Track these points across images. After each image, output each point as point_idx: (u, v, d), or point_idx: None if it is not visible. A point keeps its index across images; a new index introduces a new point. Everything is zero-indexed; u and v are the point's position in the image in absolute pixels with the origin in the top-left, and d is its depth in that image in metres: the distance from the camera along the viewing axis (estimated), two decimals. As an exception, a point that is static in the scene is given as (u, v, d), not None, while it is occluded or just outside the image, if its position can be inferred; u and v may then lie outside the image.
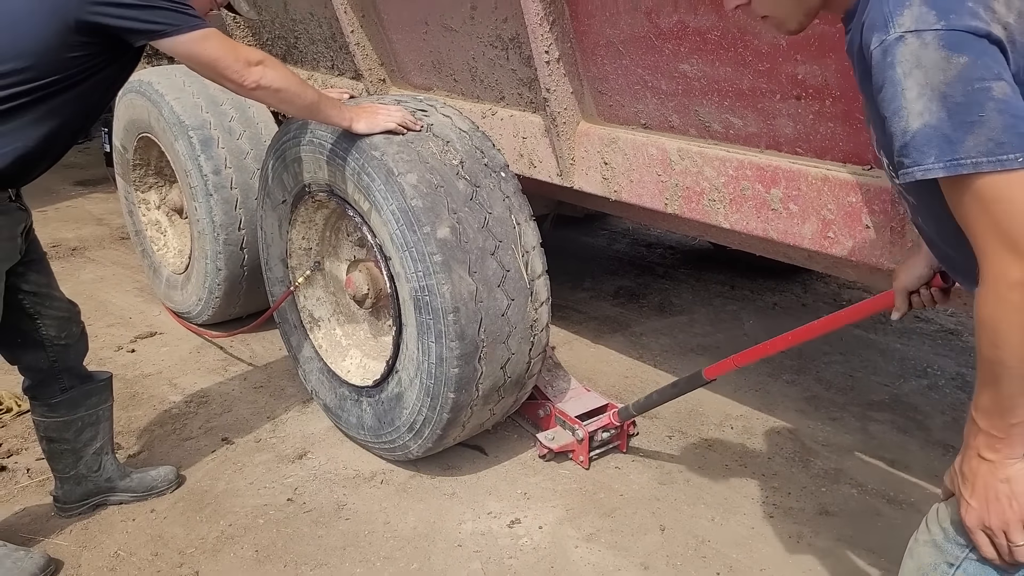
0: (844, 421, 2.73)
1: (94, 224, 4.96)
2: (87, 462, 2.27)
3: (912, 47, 0.98)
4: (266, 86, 1.91)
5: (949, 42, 0.96)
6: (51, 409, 2.19)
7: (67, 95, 1.85)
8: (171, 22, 1.80)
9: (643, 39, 1.95)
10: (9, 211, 1.90)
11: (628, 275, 4.05)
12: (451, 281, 2.04)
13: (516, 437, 2.63)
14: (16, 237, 1.95)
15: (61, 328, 2.14)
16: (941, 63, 0.96)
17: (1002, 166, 0.95)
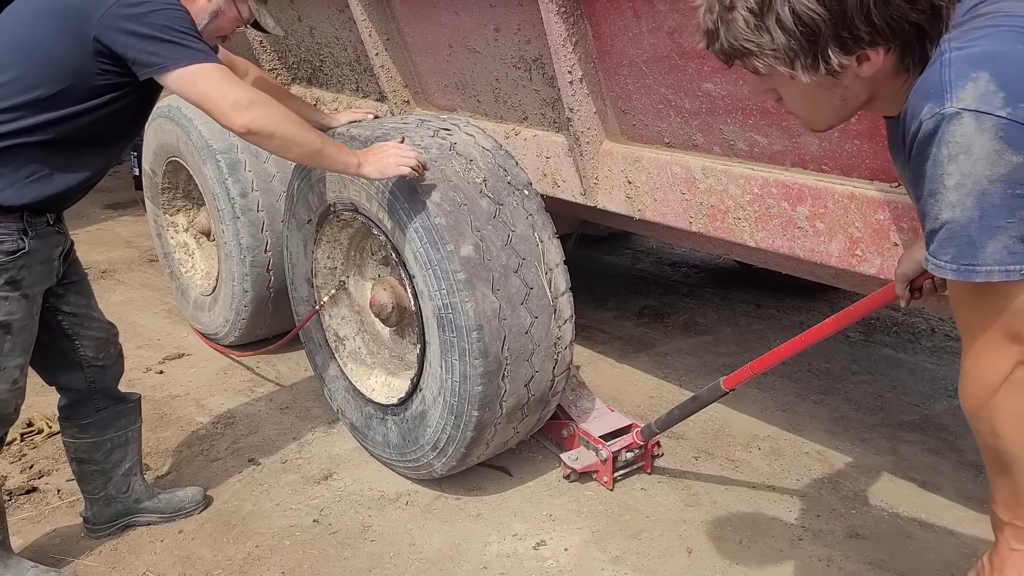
0: (874, 442, 2.68)
1: (123, 246, 5.05)
2: (116, 483, 2.29)
3: (967, 128, 0.88)
4: (256, 131, 1.81)
5: (1009, 135, 0.87)
6: (81, 430, 2.21)
7: (97, 121, 1.86)
8: (168, 55, 1.75)
9: (666, 58, 1.95)
10: (47, 235, 1.92)
11: (653, 294, 4.03)
12: (474, 299, 2.05)
13: (541, 458, 2.61)
14: (53, 260, 1.96)
15: (99, 349, 2.16)
16: (992, 156, 0.87)
17: (1007, 277, 0.92)
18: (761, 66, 1.02)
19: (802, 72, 1.00)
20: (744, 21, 0.98)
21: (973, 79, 0.88)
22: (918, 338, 3.44)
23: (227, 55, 2.40)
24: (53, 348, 2.09)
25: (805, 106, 1.10)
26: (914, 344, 3.38)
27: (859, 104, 1.09)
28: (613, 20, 2.01)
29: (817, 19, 0.94)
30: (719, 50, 1.06)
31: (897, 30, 0.96)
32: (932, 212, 0.94)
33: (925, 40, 0.99)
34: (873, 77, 1.02)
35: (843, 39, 0.96)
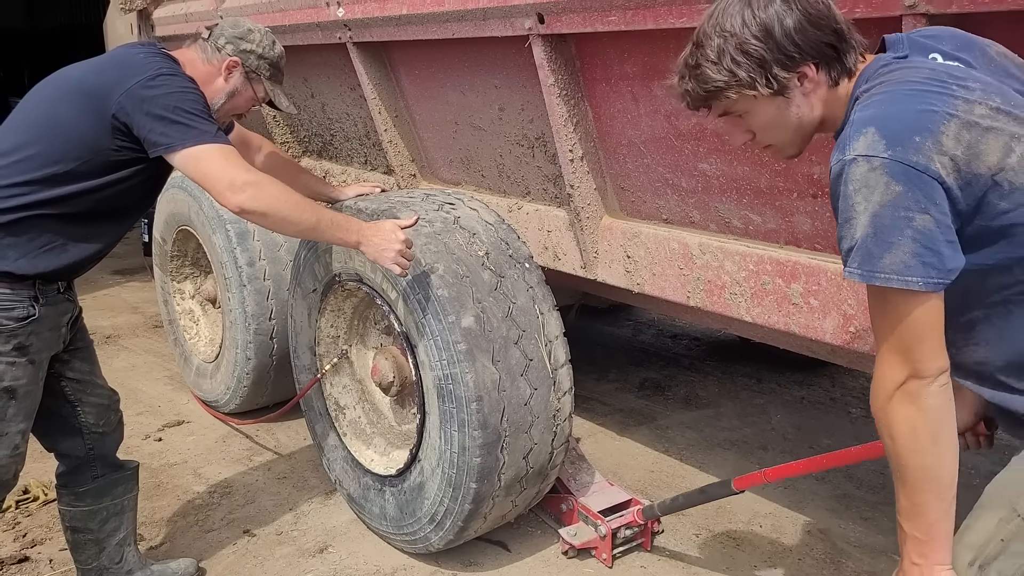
0: (876, 521, 2.64)
1: (129, 312, 5.10)
2: (109, 553, 2.25)
3: (862, 169, 1.14)
4: (251, 210, 1.87)
5: (891, 170, 1.12)
6: (78, 498, 2.19)
7: (112, 195, 1.93)
8: (176, 136, 1.83)
9: (663, 139, 2.03)
10: (57, 302, 1.95)
11: (654, 367, 4.04)
12: (475, 370, 2.07)
13: (539, 533, 2.58)
14: (61, 327, 1.99)
15: (100, 416, 2.16)
16: (883, 187, 1.12)
17: (905, 286, 1.12)
18: (733, 96, 1.28)
19: (763, 89, 1.26)
20: (710, 70, 1.27)
21: (864, 133, 1.15)
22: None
23: (241, 131, 2.49)
24: (54, 413, 2.09)
25: (772, 132, 1.34)
26: (916, 421, 3.37)
27: (813, 122, 1.32)
28: (613, 103, 2.09)
29: (760, 50, 1.24)
30: (697, 99, 1.32)
31: (816, 49, 1.25)
32: (847, 235, 1.17)
33: (840, 54, 1.27)
34: (815, 92, 1.29)
35: (782, 61, 1.24)
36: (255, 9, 3.15)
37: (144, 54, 1.96)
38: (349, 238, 2.02)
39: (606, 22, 1.87)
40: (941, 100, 1.15)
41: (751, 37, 1.23)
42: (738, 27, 1.24)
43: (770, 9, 1.23)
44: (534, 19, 2.02)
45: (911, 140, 1.12)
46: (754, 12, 1.24)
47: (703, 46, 1.27)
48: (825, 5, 1.25)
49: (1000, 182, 1.13)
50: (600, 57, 2.05)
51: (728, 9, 1.26)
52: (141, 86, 1.84)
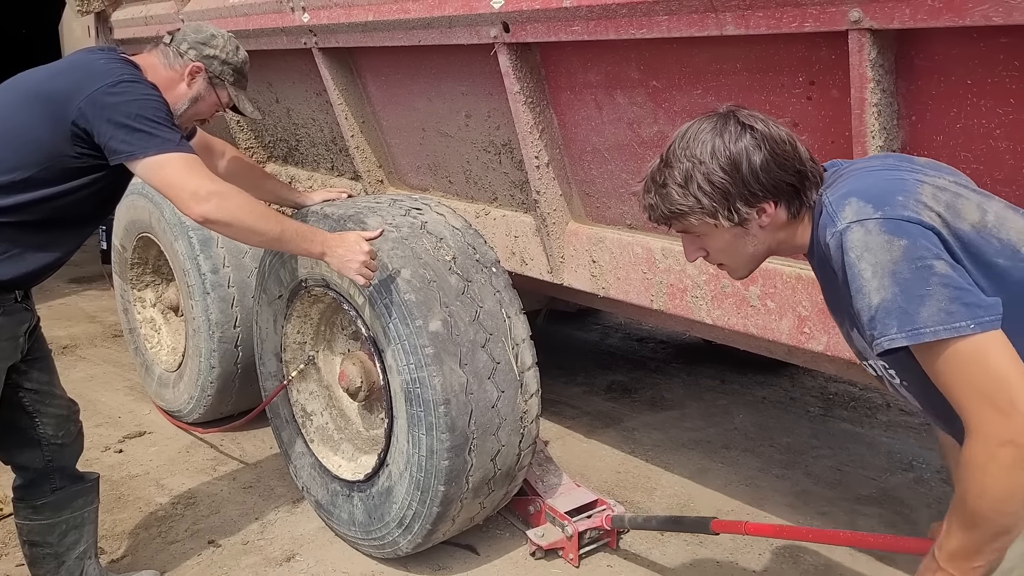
0: (833, 515, 2.72)
1: (87, 322, 5.00)
2: (69, 567, 2.19)
3: (858, 234, 1.14)
4: (213, 220, 1.85)
5: (888, 228, 1.12)
6: (36, 511, 2.14)
7: (72, 203, 1.90)
8: (138, 144, 1.81)
9: (626, 147, 2.08)
10: (14, 311, 1.92)
11: (621, 370, 4.09)
12: (442, 373, 2.09)
13: (507, 535, 2.60)
14: (18, 337, 1.96)
15: (59, 427, 2.12)
16: (885, 245, 1.11)
17: (957, 332, 1.07)
18: (695, 221, 1.31)
19: (723, 220, 1.29)
20: (676, 192, 1.30)
21: (847, 203, 1.18)
22: (875, 413, 3.53)
23: (204, 136, 2.47)
24: (11, 425, 2.05)
25: (727, 256, 1.39)
26: (871, 419, 3.47)
27: (767, 250, 1.37)
28: (577, 110, 2.14)
29: (725, 183, 1.27)
30: (660, 216, 1.34)
31: (779, 189, 1.28)
32: (863, 304, 1.14)
33: (800, 194, 1.30)
34: (771, 226, 1.32)
35: (745, 196, 1.28)
36: (218, 13, 3.14)
37: (104, 60, 1.93)
38: (313, 249, 2.02)
39: (569, 31, 1.91)
40: (905, 173, 1.20)
41: (719, 168, 1.26)
42: (707, 156, 1.26)
43: (740, 143, 1.26)
44: (499, 27, 2.05)
45: (895, 199, 1.14)
46: (724, 143, 1.26)
47: (671, 166, 1.30)
48: (791, 146, 1.28)
49: (988, 238, 1.15)
50: (564, 65, 2.09)
51: (700, 135, 1.29)
52: (102, 92, 1.82)
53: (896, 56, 1.49)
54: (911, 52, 1.48)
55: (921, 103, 1.51)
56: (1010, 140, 1.43)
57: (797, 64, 1.64)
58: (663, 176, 1.31)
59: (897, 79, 1.51)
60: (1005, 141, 1.43)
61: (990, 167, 1.47)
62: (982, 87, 1.42)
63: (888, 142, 1.53)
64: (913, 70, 1.49)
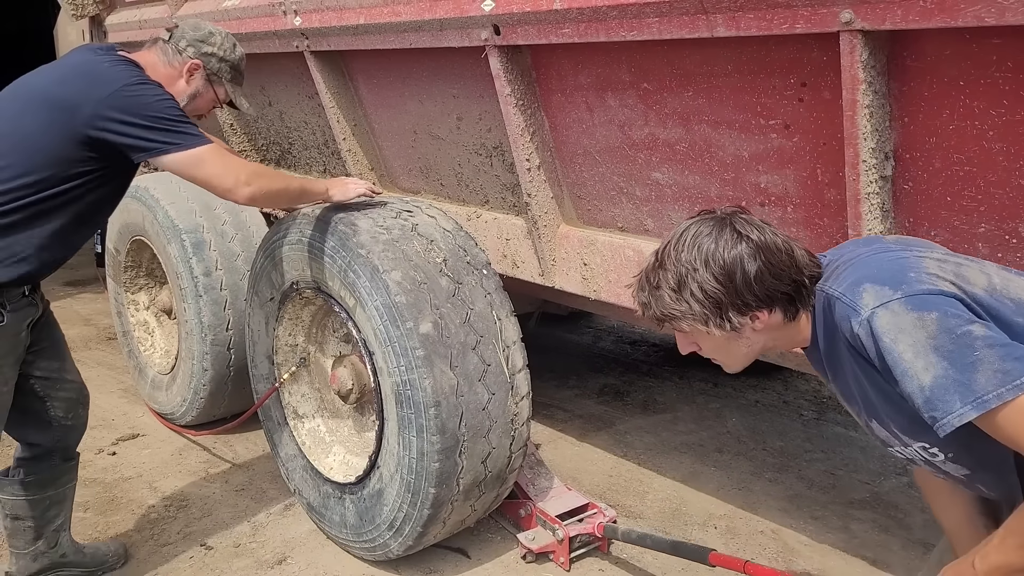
0: (826, 520, 2.71)
1: (81, 324, 4.99)
2: (47, 539, 2.30)
3: (886, 318, 1.13)
4: (260, 196, 2.03)
5: (913, 304, 1.11)
6: (21, 487, 2.22)
7: (79, 204, 1.97)
8: (169, 141, 1.90)
9: (617, 149, 2.08)
10: (21, 307, 2.00)
11: (613, 373, 4.09)
12: (433, 375, 2.08)
13: (499, 539, 2.59)
14: (20, 332, 2.03)
15: (69, 409, 2.23)
16: (917, 323, 1.10)
17: (1022, 390, 1.05)
18: (685, 326, 1.33)
19: (715, 328, 1.30)
20: (668, 296, 1.30)
21: (863, 291, 1.17)
22: (869, 417, 3.53)
23: None
24: (25, 408, 2.15)
25: (720, 355, 1.40)
26: (865, 423, 3.46)
27: (761, 349, 1.38)
28: (568, 112, 2.14)
29: (718, 293, 1.27)
30: (652, 316, 1.35)
31: (774, 298, 1.29)
32: (913, 387, 1.11)
33: (796, 302, 1.31)
34: (766, 330, 1.32)
35: (738, 305, 1.28)
36: (211, 17, 3.14)
37: (109, 63, 1.97)
38: (321, 188, 2.26)
39: (560, 34, 1.91)
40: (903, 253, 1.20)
41: (712, 278, 1.26)
42: (701, 263, 1.27)
43: (735, 251, 1.26)
44: (490, 30, 2.05)
45: (908, 276, 1.14)
46: (719, 250, 1.26)
47: (666, 269, 1.30)
48: (787, 255, 1.28)
49: (1001, 300, 1.15)
50: (555, 68, 2.10)
51: (696, 240, 1.28)
52: (116, 97, 1.88)
53: (888, 57, 1.49)
54: (903, 53, 1.48)
55: (914, 105, 1.50)
56: (1004, 142, 1.42)
57: (788, 66, 1.64)
58: (657, 277, 1.31)
59: (889, 80, 1.51)
60: (999, 143, 1.43)
61: (984, 169, 1.46)
62: (975, 88, 1.42)
63: (880, 144, 1.53)
64: (905, 71, 1.49)
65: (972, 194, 1.49)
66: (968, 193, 1.50)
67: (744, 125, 1.77)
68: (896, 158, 1.56)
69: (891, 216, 1.60)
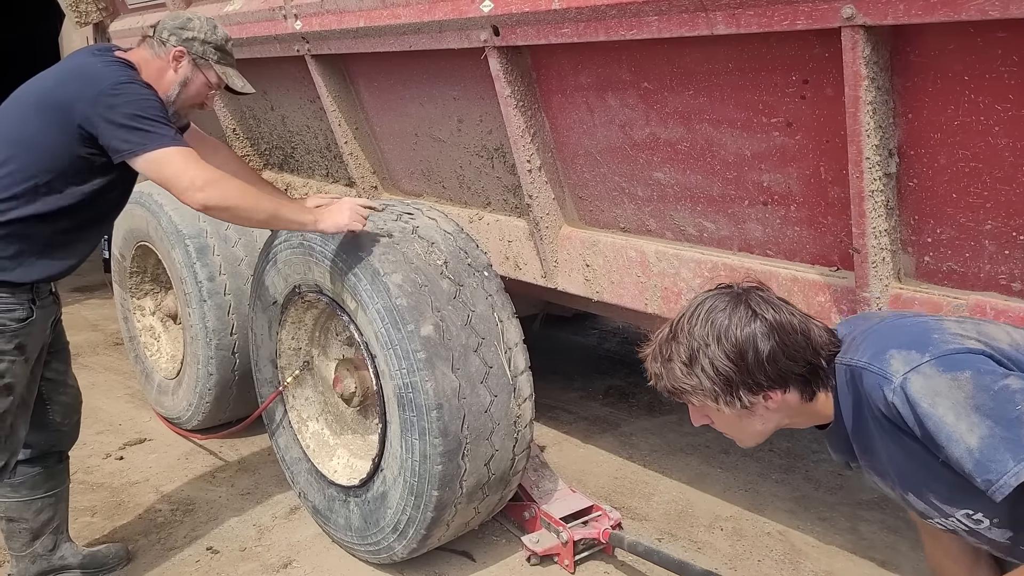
0: (834, 521, 2.69)
1: (89, 330, 5.01)
2: (44, 542, 2.33)
3: (919, 383, 1.10)
4: (213, 206, 1.96)
5: (944, 365, 1.09)
6: (13, 489, 2.25)
7: (90, 201, 2.03)
8: (137, 141, 1.91)
9: (618, 149, 2.06)
10: (47, 304, 2.08)
11: (618, 374, 4.07)
12: (434, 378, 2.08)
13: (504, 541, 2.58)
14: (47, 328, 2.11)
15: (66, 414, 2.30)
16: (952, 383, 1.08)
17: None
18: (695, 400, 1.31)
19: (724, 406, 1.28)
20: (679, 370, 1.29)
21: (890, 358, 1.15)
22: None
23: (198, 133, 2.52)
24: None
25: (733, 431, 1.38)
26: (873, 423, 3.43)
27: (775, 426, 1.36)
28: (568, 113, 2.13)
29: (729, 370, 1.25)
30: (663, 388, 1.33)
31: (788, 378, 1.27)
32: (960, 451, 1.08)
33: (810, 384, 1.28)
34: (780, 409, 1.30)
35: (749, 384, 1.26)
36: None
37: (102, 63, 2.03)
38: (307, 219, 2.11)
39: (559, 34, 1.90)
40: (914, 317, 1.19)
41: (723, 355, 1.24)
42: (713, 339, 1.25)
43: (748, 329, 1.24)
44: (489, 31, 2.04)
45: (931, 339, 1.12)
46: (732, 327, 1.24)
47: (678, 341, 1.29)
48: (803, 336, 1.26)
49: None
50: (555, 68, 2.09)
51: (710, 314, 1.27)
52: (103, 96, 1.93)
53: (891, 52, 1.47)
54: (906, 48, 1.46)
55: (917, 100, 1.48)
56: (1009, 137, 1.40)
57: (790, 63, 1.63)
58: (669, 349, 1.30)
59: (892, 76, 1.49)
60: (1004, 138, 1.41)
61: (989, 165, 1.44)
62: (980, 83, 1.40)
63: (884, 140, 1.51)
64: (909, 67, 1.47)
65: (978, 190, 1.47)
66: (974, 189, 1.48)
67: (746, 123, 1.76)
68: (900, 155, 1.54)
69: (895, 214, 1.59)
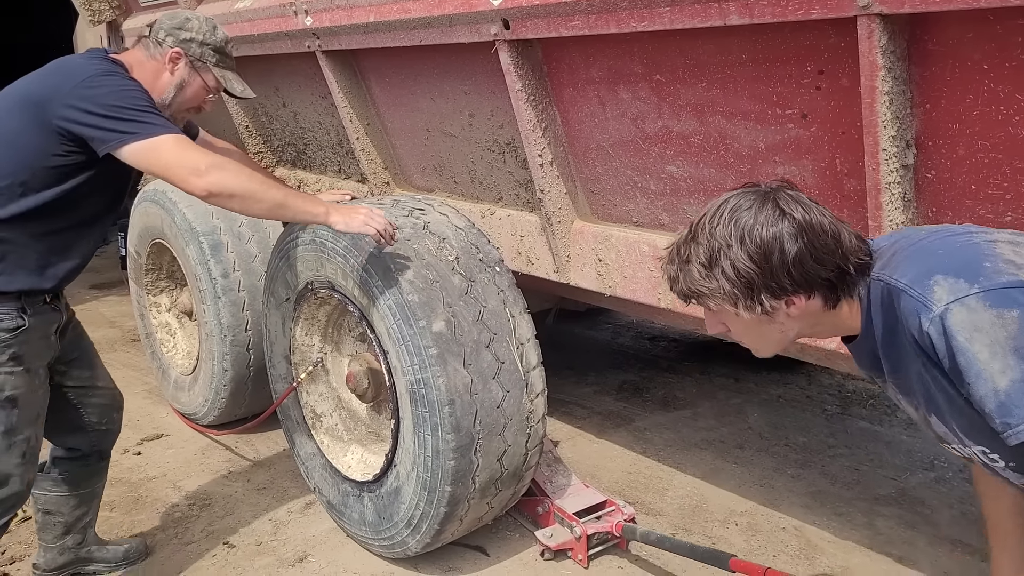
0: (850, 516, 2.67)
1: (107, 327, 5.05)
2: (74, 536, 2.37)
3: (961, 315, 1.04)
4: (217, 192, 1.84)
5: (993, 300, 1.03)
6: (55, 484, 2.28)
7: (75, 203, 1.93)
8: (124, 130, 1.80)
9: (631, 143, 2.05)
10: (43, 312, 2.00)
11: (632, 369, 4.06)
12: (446, 374, 2.07)
13: (518, 536, 2.58)
14: (50, 336, 2.04)
15: (103, 415, 2.29)
16: (996, 320, 1.01)
17: None
18: (712, 304, 1.26)
19: (743, 310, 1.23)
20: (698, 272, 1.23)
21: (934, 284, 1.07)
22: (894, 411, 3.46)
23: (207, 137, 2.51)
24: (62, 415, 2.19)
25: (750, 338, 1.33)
26: (890, 417, 3.40)
27: (796, 335, 1.30)
28: (580, 107, 2.11)
29: (751, 273, 1.19)
30: (679, 292, 1.28)
31: (813, 283, 1.20)
32: (987, 390, 1.03)
33: (836, 290, 1.22)
34: (802, 316, 1.24)
35: (772, 288, 1.20)
36: (223, 19, 3.14)
37: (83, 59, 1.97)
38: (318, 210, 2.00)
39: (570, 26, 1.89)
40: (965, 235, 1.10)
41: (746, 257, 1.18)
42: (736, 239, 1.18)
43: (775, 229, 1.17)
44: (499, 25, 2.03)
45: (983, 267, 1.05)
46: (758, 226, 1.17)
47: (698, 241, 1.22)
48: (834, 238, 1.19)
49: None
50: (566, 62, 2.07)
51: (734, 213, 1.20)
52: (79, 88, 1.83)
53: (908, 42, 1.44)
54: (924, 37, 1.43)
55: (935, 90, 1.46)
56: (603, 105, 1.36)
57: (805, 53, 1.61)
58: (688, 251, 1.24)
59: (910, 66, 1.46)
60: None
61: (1010, 156, 1.42)
62: (1000, 72, 1.37)
63: (901, 132, 1.49)
64: (926, 56, 1.45)
65: (998, 182, 1.45)
66: (994, 181, 1.45)
67: (760, 115, 1.74)
68: (918, 146, 1.52)
69: (913, 206, 1.56)
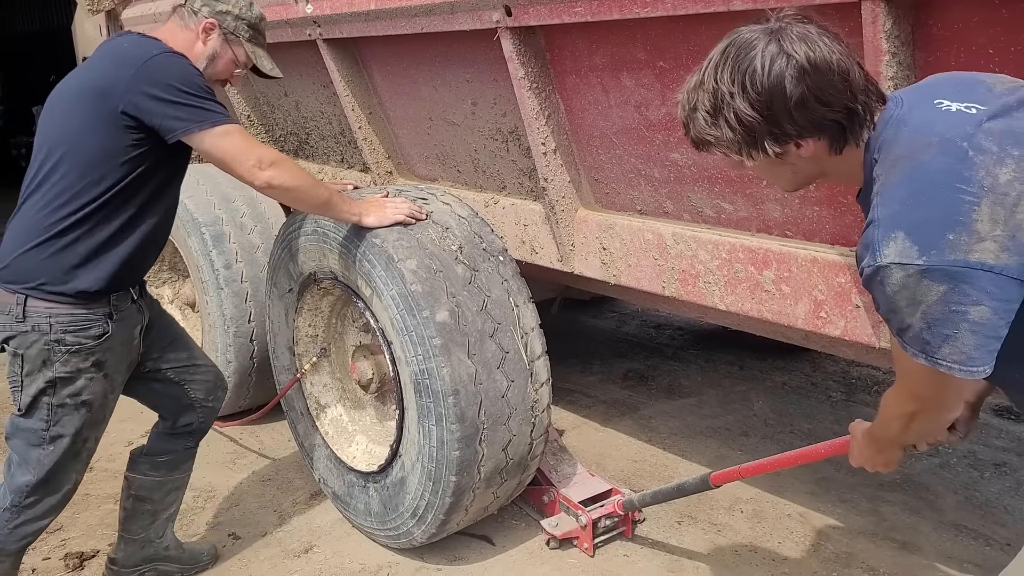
0: (855, 503, 2.67)
1: (110, 318, 5.06)
2: (157, 527, 2.33)
3: (897, 276, 1.11)
4: (277, 186, 1.95)
5: (931, 276, 1.08)
6: (153, 468, 2.27)
7: (151, 188, 1.95)
8: (191, 117, 1.86)
9: (634, 130, 2.03)
10: (129, 315, 2.02)
11: (637, 357, 4.06)
12: (450, 364, 2.07)
13: (523, 525, 2.59)
14: (133, 340, 2.06)
15: (208, 392, 2.30)
16: (923, 289, 1.09)
17: (971, 376, 1.12)
18: (720, 152, 1.27)
19: (748, 158, 1.24)
20: (703, 120, 1.23)
21: (893, 238, 1.11)
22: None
23: None
24: (169, 395, 2.24)
25: (766, 176, 1.36)
26: (895, 404, 3.40)
27: (812, 175, 1.30)
28: (583, 94, 2.10)
29: (753, 121, 1.18)
30: (691, 138, 1.29)
31: (819, 126, 1.18)
32: (895, 320, 1.16)
33: (846, 132, 1.20)
34: (814, 157, 1.23)
35: (775, 134, 1.19)
36: (225, 8, 3.13)
37: (129, 43, 1.96)
38: (354, 212, 2.18)
39: (572, 13, 1.87)
40: (962, 176, 1.08)
41: (748, 106, 1.16)
42: (738, 86, 1.16)
43: (776, 71, 1.14)
44: (501, 11, 2.01)
45: (944, 240, 1.07)
46: (759, 71, 1.14)
47: (704, 88, 1.21)
48: (841, 76, 1.15)
49: None
50: (569, 49, 2.05)
51: (737, 57, 1.17)
52: (142, 72, 1.85)
53: (913, 27, 1.43)
54: (928, 21, 1.42)
55: (941, 76, 1.45)
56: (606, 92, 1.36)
57: (807, 39, 1.59)
58: (695, 99, 1.23)
59: (914, 51, 1.45)
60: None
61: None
62: (1005, 56, 1.35)
63: (904, 118, 1.47)
64: (931, 40, 1.43)
65: (1003, 167, 1.43)
66: (999, 166, 1.44)
67: (764, 102, 1.72)
68: (923, 132, 1.50)
69: (918, 192, 1.55)
